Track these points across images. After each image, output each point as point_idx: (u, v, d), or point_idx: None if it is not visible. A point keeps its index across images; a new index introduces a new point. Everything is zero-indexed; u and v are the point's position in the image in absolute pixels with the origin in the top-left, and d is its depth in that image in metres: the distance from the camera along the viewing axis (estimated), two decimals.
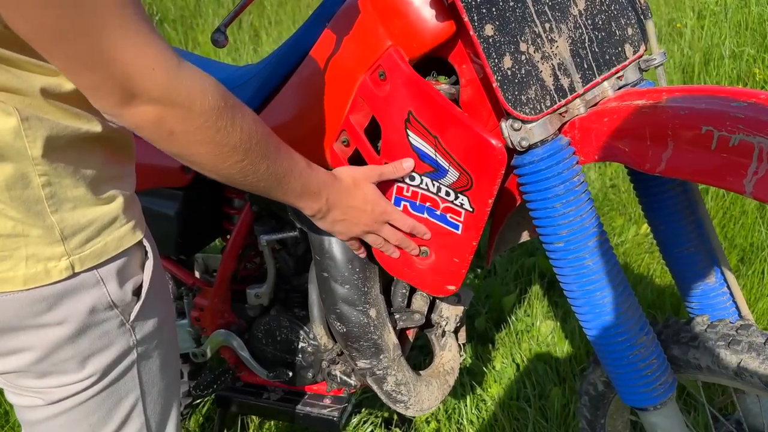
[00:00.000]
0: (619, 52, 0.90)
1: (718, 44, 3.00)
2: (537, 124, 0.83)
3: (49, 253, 0.58)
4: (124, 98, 0.56)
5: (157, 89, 0.56)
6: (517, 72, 0.81)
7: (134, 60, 0.54)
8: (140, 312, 0.67)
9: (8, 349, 0.61)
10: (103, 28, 0.52)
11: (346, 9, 0.94)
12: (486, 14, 0.79)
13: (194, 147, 0.62)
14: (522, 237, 1.16)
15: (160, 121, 0.58)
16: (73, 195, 0.60)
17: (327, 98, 0.96)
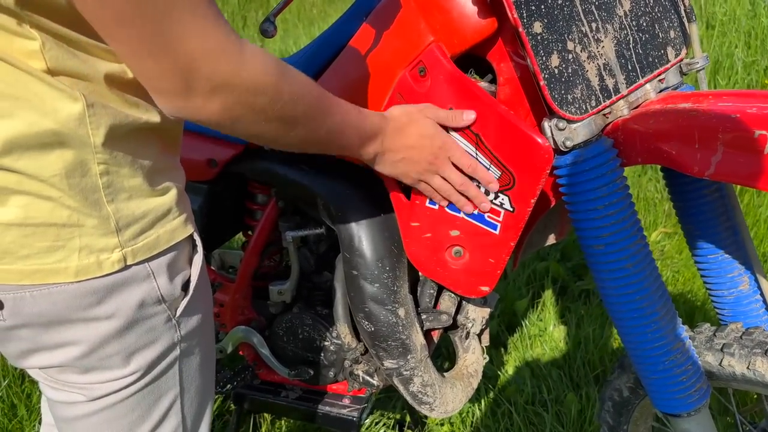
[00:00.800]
0: (661, 55, 0.89)
1: (728, 54, 3.01)
2: (582, 124, 0.82)
3: (103, 244, 0.57)
4: (186, 88, 0.54)
5: (222, 75, 0.54)
6: (564, 71, 0.80)
7: (202, 45, 0.52)
8: (186, 307, 0.65)
9: (55, 343, 0.59)
10: (173, 10, 0.50)
11: (387, 3, 0.92)
12: (535, 11, 0.78)
13: (259, 126, 0.61)
14: (549, 240, 1.15)
15: (226, 109, 0.57)
16: (130, 185, 0.58)
17: (363, 92, 0.95)
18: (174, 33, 0.51)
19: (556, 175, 0.86)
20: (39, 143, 0.53)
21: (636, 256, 0.85)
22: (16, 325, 0.58)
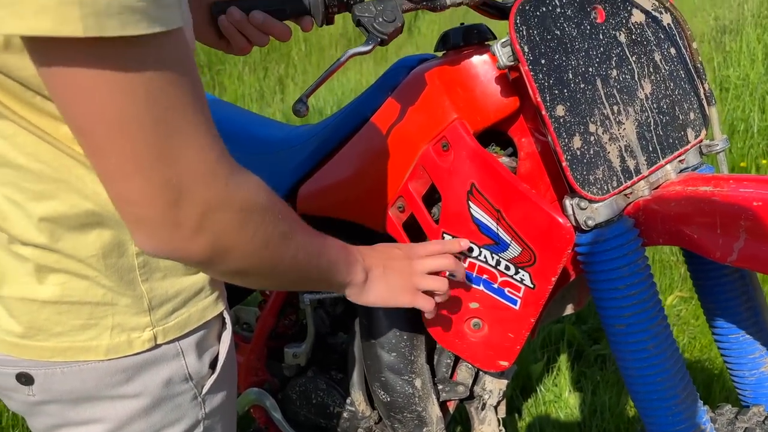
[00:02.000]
0: (682, 136, 0.90)
1: (743, 118, 3.03)
2: (603, 204, 0.83)
3: (135, 323, 0.58)
4: (173, 214, 0.49)
5: (213, 200, 0.50)
6: (586, 152, 0.82)
7: (198, 164, 0.49)
8: (213, 385, 0.65)
9: (82, 419, 0.59)
10: (178, 120, 0.47)
11: (412, 80, 0.95)
12: (558, 95, 0.80)
13: (247, 260, 0.56)
14: (567, 309, 1.15)
15: (215, 239, 0.52)
16: (165, 264, 0.59)
17: (387, 164, 0.97)
18: (173, 146, 0.47)
19: (577, 253, 0.86)
20: (79, 224, 0.54)
21: (657, 337, 0.84)
22: (45, 400, 0.58)
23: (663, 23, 0.91)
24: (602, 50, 0.84)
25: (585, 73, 0.83)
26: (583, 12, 0.84)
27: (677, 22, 0.88)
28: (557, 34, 0.81)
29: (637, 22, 0.88)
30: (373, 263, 0.77)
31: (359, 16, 0.78)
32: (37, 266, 0.56)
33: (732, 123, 3.04)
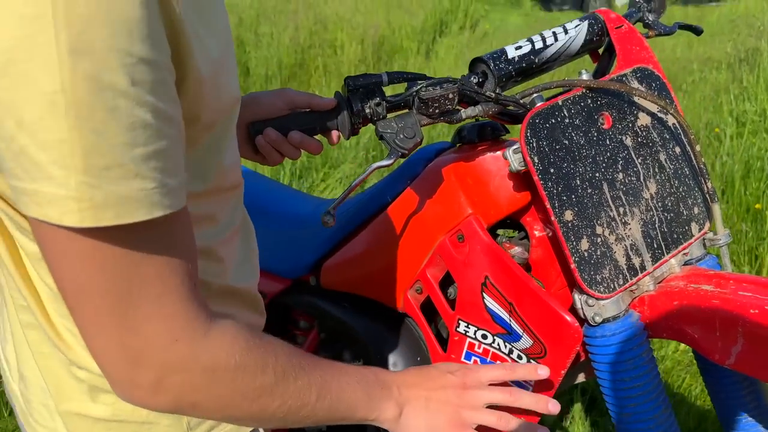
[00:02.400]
0: (686, 231, 0.96)
1: (758, 156, 3.05)
2: (610, 301, 0.88)
3: None
4: (131, 377, 0.52)
5: (173, 363, 0.52)
6: (593, 253, 0.87)
7: (157, 333, 0.51)
8: None
9: None
10: (146, 296, 0.50)
11: (430, 173, 1.01)
12: (566, 201, 0.86)
13: (227, 410, 0.57)
14: (578, 378, 1.19)
15: (178, 398, 0.54)
16: None
17: (405, 249, 1.03)
18: (136, 317, 0.50)
19: (586, 344, 0.91)
20: None
21: (661, 426, 0.89)
22: None
23: (668, 123, 0.96)
24: (609, 155, 0.90)
25: (592, 178, 0.88)
26: (591, 120, 0.90)
27: (681, 126, 0.94)
28: (566, 143, 0.87)
29: (643, 125, 0.94)
30: (413, 395, 0.71)
31: (382, 132, 0.84)
32: (90, 387, 0.62)
33: (748, 161, 3.06)
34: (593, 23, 0.97)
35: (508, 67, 0.91)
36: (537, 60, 0.93)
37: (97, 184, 0.43)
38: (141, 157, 0.45)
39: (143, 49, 0.43)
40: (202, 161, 0.61)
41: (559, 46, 0.94)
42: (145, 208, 0.46)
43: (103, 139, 0.43)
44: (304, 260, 1.18)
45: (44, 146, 0.42)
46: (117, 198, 0.44)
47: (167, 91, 0.47)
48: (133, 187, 0.45)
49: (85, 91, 0.41)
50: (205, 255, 0.65)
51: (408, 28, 7.20)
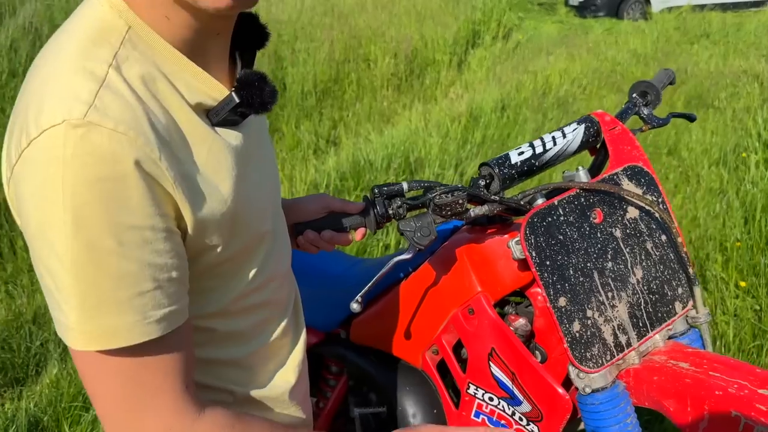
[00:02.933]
0: (669, 309, 1.09)
1: None
2: (598, 374, 1.02)
3: None
4: None
5: None
6: (584, 334, 1.01)
7: (155, 425, 0.65)
8: None
9: None
10: (137, 397, 0.64)
11: (445, 251, 1.16)
12: (560, 289, 1.00)
13: None
14: (580, 425, 1.33)
15: None
16: None
17: (423, 316, 1.19)
18: (135, 410, 0.64)
19: (580, 409, 1.05)
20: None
21: None
22: None
23: (655, 215, 1.09)
24: (599, 246, 1.04)
25: (584, 268, 1.02)
26: (584, 216, 1.04)
27: (663, 221, 1.07)
28: (560, 238, 1.01)
29: (631, 217, 1.07)
30: None
31: (403, 229, 1.00)
32: None
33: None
34: (589, 126, 1.11)
35: (511, 171, 1.05)
36: (537, 163, 1.07)
37: (88, 319, 0.60)
38: (125, 298, 0.60)
39: (131, 218, 0.59)
40: (223, 285, 0.76)
41: (558, 149, 1.08)
42: (127, 336, 0.61)
43: (94, 287, 0.59)
44: (336, 316, 1.35)
45: (58, 289, 0.60)
46: (105, 329, 0.60)
47: (156, 244, 0.61)
48: (117, 320, 0.60)
49: (82, 253, 0.58)
50: (231, 365, 0.81)
51: (440, 41, 7.31)
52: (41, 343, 2.58)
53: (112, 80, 0.60)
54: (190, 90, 0.67)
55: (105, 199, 0.57)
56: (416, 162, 3.89)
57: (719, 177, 3.74)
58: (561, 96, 5.65)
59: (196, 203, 0.66)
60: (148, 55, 0.65)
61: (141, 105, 0.61)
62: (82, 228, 0.57)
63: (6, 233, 3.29)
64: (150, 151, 0.60)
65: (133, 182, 0.59)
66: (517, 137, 4.53)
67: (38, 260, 0.61)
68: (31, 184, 0.58)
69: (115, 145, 0.57)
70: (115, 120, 0.58)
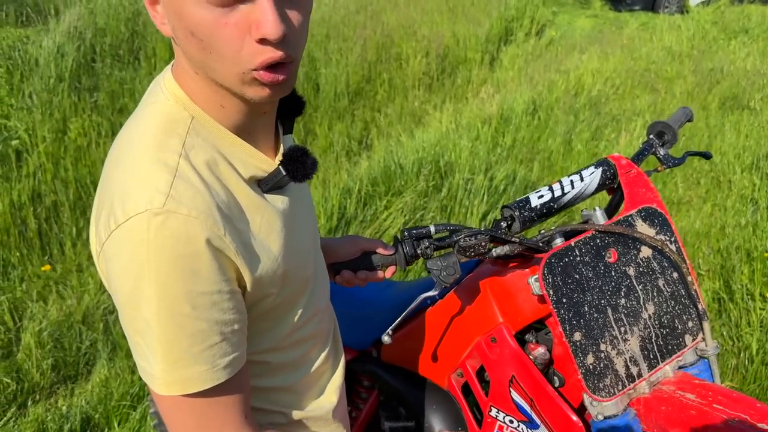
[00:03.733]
0: (680, 342, 1.16)
1: None
2: (610, 403, 1.10)
3: None
4: None
5: None
6: (597, 366, 1.09)
7: None
8: None
9: None
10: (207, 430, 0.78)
11: (470, 282, 1.25)
12: (576, 324, 1.08)
13: None
14: None
15: None
16: None
17: (449, 342, 1.28)
18: None
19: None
20: None
21: None
22: None
23: (666, 252, 1.16)
24: (613, 284, 1.12)
25: (598, 305, 1.10)
26: (599, 256, 1.11)
27: (674, 263, 1.14)
28: (576, 277, 1.09)
29: (644, 256, 1.15)
30: None
31: (430, 268, 1.09)
32: None
33: None
34: (606, 169, 1.18)
35: (531, 214, 1.13)
36: (556, 206, 1.15)
37: (170, 370, 0.72)
38: (198, 352, 0.72)
39: (202, 286, 0.71)
40: (276, 325, 0.88)
41: (576, 192, 1.16)
42: (200, 383, 0.74)
43: (175, 345, 0.71)
44: (369, 336, 1.45)
45: (146, 346, 0.72)
46: (182, 378, 0.73)
47: (222, 304, 0.73)
48: (193, 370, 0.73)
49: (165, 317, 0.70)
50: (283, 391, 0.92)
51: (473, 39, 7.32)
52: (90, 342, 2.75)
53: (183, 170, 0.72)
54: (245, 166, 0.78)
55: (182, 273, 0.69)
56: (446, 167, 3.97)
57: (751, 183, 3.73)
58: (593, 96, 5.64)
59: (254, 265, 0.77)
60: (209, 140, 0.76)
61: (207, 188, 0.73)
62: (164, 297, 0.69)
63: (56, 236, 3.48)
64: (217, 230, 0.71)
65: (204, 257, 0.70)
66: (548, 140, 4.57)
67: (127, 322, 0.73)
68: (121, 260, 0.70)
69: (189, 228, 0.69)
70: (188, 206, 0.69)
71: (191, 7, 0.67)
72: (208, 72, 0.73)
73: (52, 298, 3.03)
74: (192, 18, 0.68)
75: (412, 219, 3.44)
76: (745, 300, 2.71)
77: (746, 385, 2.34)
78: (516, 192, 3.67)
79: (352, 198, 3.63)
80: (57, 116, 4.28)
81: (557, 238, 1.13)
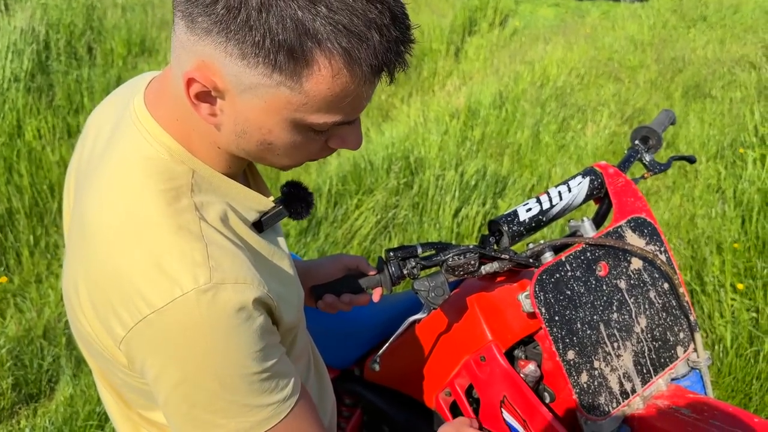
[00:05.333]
0: (672, 354, 1.13)
1: None
2: (605, 422, 1.07)
3: None
4: None
5: None
6: (591, 384, 1.06)
7: None
8: None
9: None
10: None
11: (457, 299, 1.20)
12: (569, 343, 1.05)
13: None
14: None
15: None
16: None
17: (436, 360, 1.23)
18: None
19: None
20: None
21: None
22: None
23: (658, 264, 1.13)
24: (605, 299, 1.08)
25: (591, 321, 1.07)
26: (590, 270, 1.08)
27: (665, 274, 1.11)
28: (568, 293, 1.05)
29: (635, 268, 1.11)
30: None
31: (417, 289, 1.04)
32: None
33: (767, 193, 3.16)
34: (593, 179, 1.15)
35: (519, 228, 1.09)
36: (544, 218, 1.11)
37: (247, 419, 0.71)
38: (268, 395, 0.71)
39: (261, 343, 0.69)
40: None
41: (564, 204, 1.12)
42: (276, 415, 0.73)
43: (246, 400, 0.70)
44: (351, 355, 1.39)
45: (214, 412, 0.69)
46: (259, 420, 0.72)
47: (274, 348, 0.72)
48: (267, 410, 0.72)
49: (233, 383, 0.68)
50: None
51: (437, 30, 7.28)
52: (53, 358, 2.63)
53: (208, 234, 0.67)
54: (248, 211, 0.75)
55: (243, 338, 0.66)
56: (416, 163, 3.92)
57: (716, 172, 3.78)
58: (559, 87, 5.65)
59: (286, 311, 0.76)
60: (213, 192, 0.72)
61: (235, 246, 0.69)
62: (228, 366, 0.66)
63: (11, 245, 3.32)
64: (263, 288, 0.69)
65: (258, 317, 0.68)
66: (516, 133, 4.56)
67: (181, 401, 0.68)
68: (171, 346, 0.65)
69: (240, 296, 0.65)
70: (233, 273, 0.65)
71: (286, 133, 0.67)
72: (250, 158, 0.73)
73: (10, 312, 2.89)
74: (282, 138, 0.67)
75: (384, 218, 3.39)
76: (717, 291, 2.73)
77: (721, 378, 2.36)
78: (487, 187, 3.65)
79: (323, 198, 3.56)
80: (11, 118, 4.09)
81: (546, 252, 1.09)
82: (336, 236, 3.26)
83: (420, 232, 3.27)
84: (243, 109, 0.65)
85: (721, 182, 3.62)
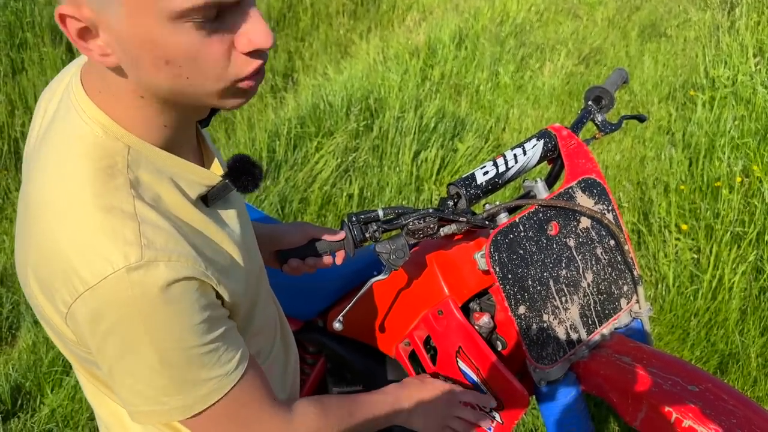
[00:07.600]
0: (616, 306, 1.22)
1: (724, 133, 3.27)
2: (552, 369, 1.15)
3: None
4: None
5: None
6: (540, 336, 1.13)
7: None
8: None
9: None
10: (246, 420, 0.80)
11: (416, 258, 1.25)
12: (520, 299, 1.11)
13: None
14: None
15: None
16: None
17: (396, 313, 1.29)
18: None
19: (536, 398, 1.19)
20: None
21: None
22: None
23: (605, 223, 1.20)
24: (555, 256, 1.15)
25: (541, 278, 1.13)
26: (541, 230, 1.13)
27: (611, 231, 1.17)
28: (521, 253, 1.11)
29: (584, 227, 1.18)
30: (415, 408, 1.11)
31: (379, 252, 1.08)
32: None
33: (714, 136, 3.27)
34: (547, 141, 1.19)
35: (477, 191, 1.13)
36: (500, 181, 1.15)
37: (189, 394, 0.74)
38: (209, 368, 0.74)
39: (198, 318, 0.70)
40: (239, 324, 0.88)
41: (519, 166, 1.16)
42: (220, 388, 0.76)
43: (186, 374, 0.73)
44: (314, 307, 1.44)
45: (156, 387, 0.73)
46: (203, 394, 0.75)
47: (218, 322, 0.74)
48: (210, 384, 0.75)
49: (171, 358, 0.71)
50: None
51: None
52: (12, 306, 2.62)
53: (142, 212, 0.67)
54: (190, 186, 0.74)
55: (176, 314, 0.68)
56: (377, 104, 3.91)
57: (668, 114, 3.88)
58: (519, 24, 5.62)
59: (231, 288, 0.78)
60: (151, 169, 0.71)
61: (171, 224, 0.69)
62: (165, 340, 0.68)
63: None
64: (198, 266, 0.69)
65: (192, 294, 0.69)
66: (475, 72, 4.56)
67: (125, 374, 0.71)
68: (105, 322, 0.66)
69: (173, 273, 0.66)
70: (165, 251, 0.66)
71: (169, 36, 0.61)
72: (174, 97, 0.68)
73: None
74: (169, 46, 0.62)
75: (345, 161, 3.39)
76: (663, 231, 2.87)
77: (663, 315, 2.52)
78: (446, 130, 3.67)
79: (281, 140, 3.53)
80: None
81: (501, 213, 1.14)
82: (296, 180, 3.27)
83: (380, 176, 3.30)
84: (119, 29, 0.61)
85: (671, 124, 3.73)
